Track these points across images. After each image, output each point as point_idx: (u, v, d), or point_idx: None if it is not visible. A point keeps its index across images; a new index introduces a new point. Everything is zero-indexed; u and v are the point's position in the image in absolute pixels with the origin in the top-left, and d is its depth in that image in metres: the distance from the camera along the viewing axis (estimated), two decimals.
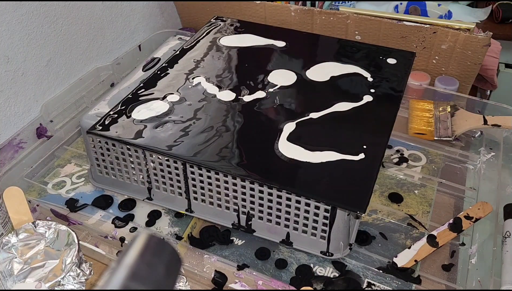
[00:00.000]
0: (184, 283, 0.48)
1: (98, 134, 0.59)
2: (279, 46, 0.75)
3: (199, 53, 0.74)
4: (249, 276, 0.52)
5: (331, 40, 0.79)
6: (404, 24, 0.80)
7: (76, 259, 0.49)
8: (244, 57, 0.73)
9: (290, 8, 0.87)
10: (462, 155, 0.71)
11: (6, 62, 0.72)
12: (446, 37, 0.78)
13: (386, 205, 0.64)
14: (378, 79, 0.67)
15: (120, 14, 0.92)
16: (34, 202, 0.63)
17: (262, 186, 0.53)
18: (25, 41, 0.74)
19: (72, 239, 0.51)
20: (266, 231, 0.57)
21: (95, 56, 0.89)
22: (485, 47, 0.76)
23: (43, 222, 0.52)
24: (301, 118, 0.60)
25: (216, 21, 0.83)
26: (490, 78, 0.89)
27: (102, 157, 0.62)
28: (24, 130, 0.74)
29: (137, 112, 0.61)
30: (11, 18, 0.71)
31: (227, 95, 0.64)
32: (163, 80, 0.67)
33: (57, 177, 0.70)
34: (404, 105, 0.77)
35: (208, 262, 0.54)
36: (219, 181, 0.55)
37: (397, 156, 0.71)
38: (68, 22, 0.81)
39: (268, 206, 0.54)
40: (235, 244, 0.59)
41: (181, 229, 0.61)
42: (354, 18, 0.83)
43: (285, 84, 0.66)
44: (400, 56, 0.72)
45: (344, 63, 0.71)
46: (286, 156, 0.54)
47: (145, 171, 0.60)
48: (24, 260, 0.50)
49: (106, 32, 0.90)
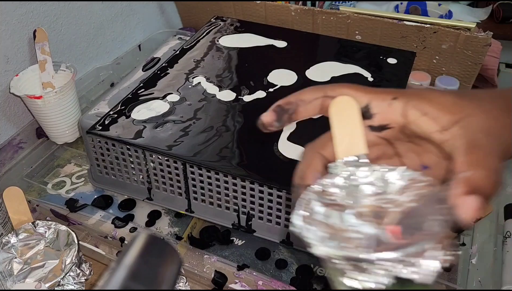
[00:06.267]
0: (184, 283, 0.48)
1: (98, 134, 0.58)
2: (279, 46, 0.75)
3: (199, 53, 0.74)
4: (249, 276, 0.52)
5: (332, 40, 0.79)
6: (405, 24, 0.80)
7: (76, 259, 0.49)
8: (244, 57, 0.73)
9: (290, 8, 0.87)
10: None
11: (6, 62, 0.72)
12: (447, 37, 0.78)
13: None
14: (378, 79, 0.67)
15: (120, 14, 0.92)
16: (34, 202, 0.63)
17: (262, 186, 0.52)
18: (25, 41, 0.74)
19: (72, 239, 0.51)
20: (266, 231, 0.57)
21: (94, 56, 0.89)
22: (486, 47, 0.76)
23: (43, 222, 0.52)
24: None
25: (216, 21, 0.83)
26: (490, 78, 0.89)
27: (102, 157, 0.62)
28: (24, 130, 0.74)
29: (137, 112, 0.61)
30: (11, 18, 0.70)
31: (227, 95, 0.64)
32: (163, 80, 0.67)
33: (57, 177, 0.70)
34: None
35: (208, 262, 0.54)
36: (219, 181, 0.55)
37: None
38: (68, 22, 0.81)
39: (268, 206, 0.54)
40: (235, 244, 0.59)
41: (181, 229, 0.61)
42: (355, 18, 0.83)
43: (285, 84, 0.66)
44: (400, 56, 0.72)
45: (344, 63, 0.71)
46: (286, 156, 0.54)
47: (145, 171, 0.60)
48: (24, 260, 0.50)
49: (106, 32, 0.90)
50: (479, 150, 0.28)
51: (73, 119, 0.72)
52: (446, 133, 0.29)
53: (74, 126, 0.72)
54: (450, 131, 0.29)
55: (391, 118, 0.31)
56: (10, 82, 0.70)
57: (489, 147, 0.28)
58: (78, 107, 0.73)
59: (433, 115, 0.29)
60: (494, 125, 0.29)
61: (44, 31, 0.71)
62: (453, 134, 0.29)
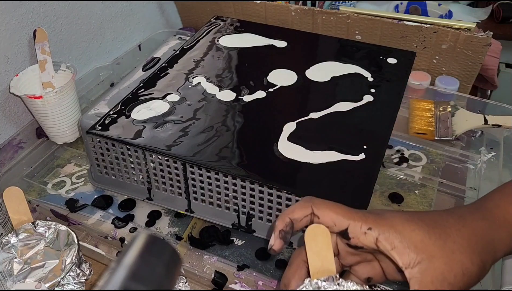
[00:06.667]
0: (184, 283, 0.48)
1: (98, 134, 0.58)
2: (279, 46, 0.75)
3: (199, 53, 0.74)
4: (249, 277, 0.52)
5: (332, 40, 0.79)
6: (405, 24, 0.80)
7: (76, 259, 0.49)
8: (244, 57, 0.73)
9: (290, 7, 0.87)
10: (463, 155, 0.71)
11: (6, 62, 0.72)
12: (447, 37, 0.78)
13: (386, 205, 0.63)
14: (378, 79, 0.67)
15: (120, 14, 0.92)
16: (34, 202, 0.63)
17: (262, 186, 0.52)
18: (25, 41, 0.74)
19: (72, 239, 0.51)
20: (266, 231, 0.57)
21: (94, 56, 0.89)
22: (486, 47, 0.76)
23: (43, 222, 0.52)
24: (302, 118, 0.59)
25: (216, 21, 0.83)
26: (490, 78, 0.89)
27: (102, 157, 0.62)
28: (24, 130, 0.74)
29: (137, 112, 0.61)
30: (11, 18, 0.71)
31: (227, 95, 0.64)
32: (163, 80, 0.67)
33: (57, 177, 0.70)
34: (404, 105, 0.76)
35: (208, 262, 0.54)
36: (219, 181, 0.55)
37: (397, 155, 0.71)
38: (68, 22, 0.81)
39: (268, 206, 0.54)
40: (235, 244, 0.59)
41: (181, 229, 0.61)
42: (355, 18, 0.83)
43: (285, 84, 0.66)
44: (400, 56, 0.72)
45: (344, 63, 0.71)
46: (286, 156, 0.54)
47: (145, 171, 0.60)
48: (24, 260, 0.50)
49: (106, 32, 0.90)
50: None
51: (73, 119, 0.72)
52: (407, 271, 0.34)
53: (74, 126, 0.72)
54: (410, 271, 0.34)
55: (365, 244, 0.36)
56: (10, 82, 0.70)
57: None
58: (78, 107, 0.73)
59: (400, 251, 0.35)
60: (452, 269, 0.34)
61: (44, 31, 0.71)
62: (413, 275, 0.34)
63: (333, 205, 0.38)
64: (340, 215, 0.37)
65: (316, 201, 0.38)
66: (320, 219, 0.38)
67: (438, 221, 0.37)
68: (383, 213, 0.37)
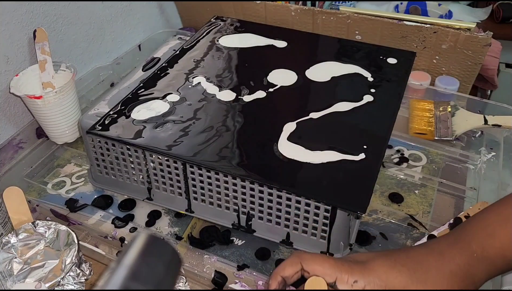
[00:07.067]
0: (184, 283, 0.48)
1: (98, 134, 0.58)
2: (279, 46, 0.75)
3: (199, 53, 0.74)
4: (249, 276, 0.52)
5: (332, 40, 0.79)
6: (405, 24, 0.80)
7: (76, 259, 0.49)
8: (244, 57, 0.73)
9: (290, 8, 0.87)
10: (463, 155, 0.71)
11: (6, 62, 0.72)
12: (447, 37, 0.78)
13: (386, 205, 0.63)
14: (378, 79, 0.67)
15: (120, 14, 0.92)
16: (34, 202, 0.63)
17: (262, 186, 0.52)
18: (25, 41, 0.74)
19: (72, 239, 0.51)
20: (266, 231, 0.57)
21: (95, 56, 0.89)
22: (486, 47, 0.76)
23: (43, 222, 0.52)
24: (302, 118, 0.60)
25: (216, 21, 0.83)
26: (490, 78, 0.89)
27: (102, 157, 0.62)
28: (24, 130, 0.74)
29: (137, 112, 0.61)
30: (11, 18, 0.71)
31: (227, 95, 0.64)
32: (163, 80, 0.67)
33: (57, 177, 0.70)
34: (404, 105, 0.76)
35: (208, 262, 0.54)
36: (219, 181, 0.55)
37: (397, 155, 0.71)
38: (68, 22, 0.81)
39: (268, 206, 0.54)
40: (235, 244, 0.59)
41: (181, 229, 0.61)
42: (355, 18, 0.83)
43: (285, 84, 0.66)
44: (400, 56, 0.72)
45: (344, 63, 0.71)
46: (286, 156, 0.54)
47: (145, 171, 0.60)
48: (24, 260, 0.50)
49: (106, 32, 0.90)
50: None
51: (73, 119, 0.72)
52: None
53: (74, 126, 0.72)
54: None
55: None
56: (10, 82, 0.70)
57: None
58: (78, 107, 0.73)
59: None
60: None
61: (44, 31, 0.71)
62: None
63: (321, 259, 0.42)
64: (327, 269, 0.41)
65: (304, 257, 0.42)
66: (310, 274, 0.42)
67: (420, 262, 0.40)
68: (367, 261, 0.41)
